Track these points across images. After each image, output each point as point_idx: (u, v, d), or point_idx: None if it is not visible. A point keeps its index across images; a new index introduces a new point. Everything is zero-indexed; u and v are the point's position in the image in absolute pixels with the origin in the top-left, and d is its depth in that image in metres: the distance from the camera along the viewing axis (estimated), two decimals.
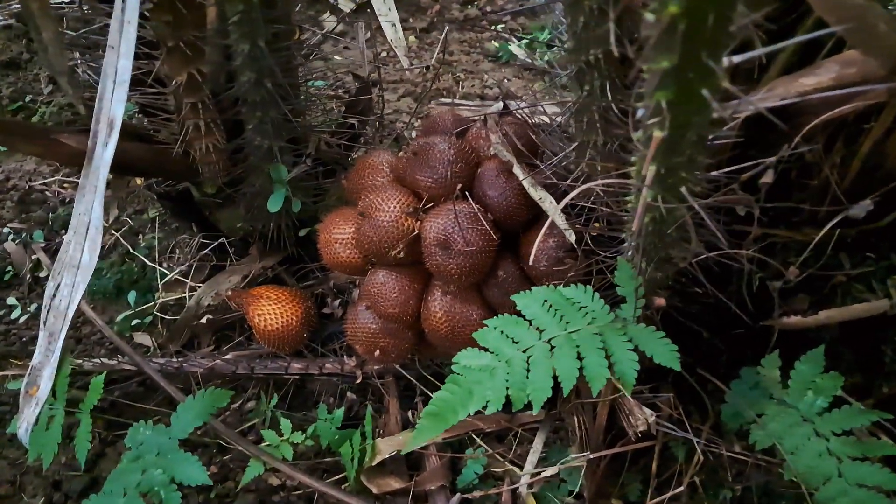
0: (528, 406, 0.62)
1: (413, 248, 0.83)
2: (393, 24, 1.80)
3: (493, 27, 1.85)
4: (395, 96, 1.59)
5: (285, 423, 0.94)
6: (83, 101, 0.95)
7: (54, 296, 0.91)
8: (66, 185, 1.39)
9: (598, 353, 0.61)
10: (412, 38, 1.83)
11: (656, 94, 0.44)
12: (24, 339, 1.18)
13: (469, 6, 1.90)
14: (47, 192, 1.37)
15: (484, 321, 0.80)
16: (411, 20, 1.88)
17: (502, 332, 0.66)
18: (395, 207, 0.84)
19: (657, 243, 0.67)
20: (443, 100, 1.58)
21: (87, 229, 0.88)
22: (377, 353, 0.88)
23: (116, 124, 0.83)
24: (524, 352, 0.64)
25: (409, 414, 0.96)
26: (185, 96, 0.94)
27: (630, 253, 0.68)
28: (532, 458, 0.84)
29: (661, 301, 0.67)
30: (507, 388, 0.63)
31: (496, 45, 1.77)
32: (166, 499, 0.74)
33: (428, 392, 0.96)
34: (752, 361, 0.79)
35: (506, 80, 1.69)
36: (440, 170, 0.84)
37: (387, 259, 0.83)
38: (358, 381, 1.00)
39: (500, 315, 0.69)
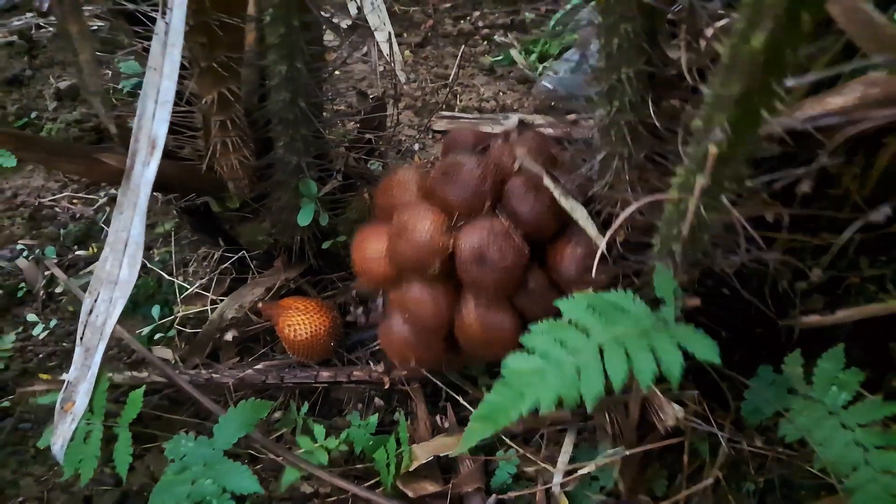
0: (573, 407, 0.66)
1: (447, 263, 0.87)
2: (389, 40, 1.85)
3: (485, 41, 1.90)
4: (396, 110, 1.63)
5: (318, 429, 0.96)
6: (114, 121, 0.98)
7: (91, 311, 0.93)
8: (75, 200, 1.40)
9: (645, 352, 0.66)
10: (407, 52, 1.87)
11: (719, 114, 0.48)
12: (40, 356, 1.19)
13: (462, 21, 1.95)
14: (57, 209, 1.38)
15: (518, 328, 0.86)
16: (405, 35, 1.92)
17: (549, 334, 0.70)
18: (430, 227, 0.87)
19: (692, 249, 0.71)
20: (443, 113, 1.63)
21: (126, 246, 0.90)
22: (413, 362, 0.92)
23: (159, 144, 0.85)
24: (573, 354, 0.68)
25: (438, 418, 0.99)
26: (215, 114, 0.96)
27: (665, 256, 0.72)
28: (563, 457, 0.88)
29: (694, 301, 0.71)
30: (558, 390, 0.67)
31: (490, 58, 1.82)
32: None
33: (455, 396, 1.00)
34: (768, 360, 0.85)
35: (501, 94, 1.74)
36: (470, 188, 0.88)
37: (422, 275, 0.87)
38: (385, 388, 1.03)
39: (539, 321, 0.73)
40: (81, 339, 0.94)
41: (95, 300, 0.93)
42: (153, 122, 0.85)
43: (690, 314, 0.82)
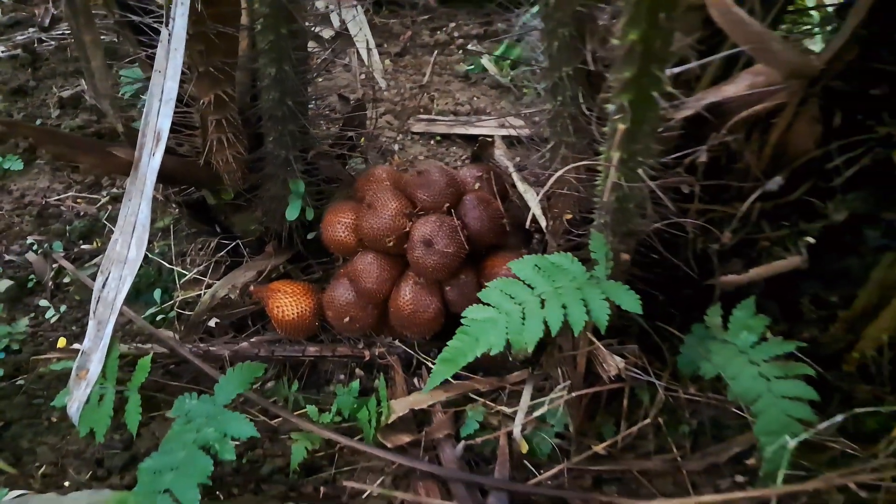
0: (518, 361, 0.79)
1: (400, 242, 1.05)
2: (370, 50, 1.99)
3: (460, 51, 2.04)
4: (377, 114, 1.76)
5: (311, 409, 1.07)
6: (121, 121, 1.10)
7: (103, 287, 1.04)
8: (79, 199, 1.51)
9: (578, 304, 0.78)
10: (387, 61, 2.00)
11: (621, 96, 0.61)
12: (51, 340, 1.29)
13: (438, 32, 2.09)
14: (62, 207, 1.49)
15: (439, 315, 1.05)
16: (385, 45, 2.05)
17: (501, 290, 0.82)
18: (395, 206, 1.04)
19: (621, 218, 0.84)
20: (421, 116, 1.76)
21: (134, 228, 1.01)
22: (346, 320, 1.09)
23: (163, 136, 0.97)
24: (519, 305, 0.80)
25: (415, 381, 1.12)
26: (212, 114, 1.08)
27: (600, 225, 0.85)
28: (522, 406, 1.00)
29: (626, 256, 0.84)
30: (507, 334, 0.79)
31: (465, 66, 1.95)
32: (220, 450, 0.88)
33: (429, 363, 1.12)
34: (700, 320, 0.97)
35: (475, 98, 1.87)
36: (435, 190, 1.07)
37: (378, 245, 1.04)
38: (366, 360, 1.15)
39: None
40: (94, 313, 1.05)
41: (107, 278, 1.05)
42: (158, 117, 0.97)
43: (632, 281, 0.95)
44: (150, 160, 0.99)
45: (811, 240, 0.85)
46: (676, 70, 0.61)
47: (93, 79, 1.04)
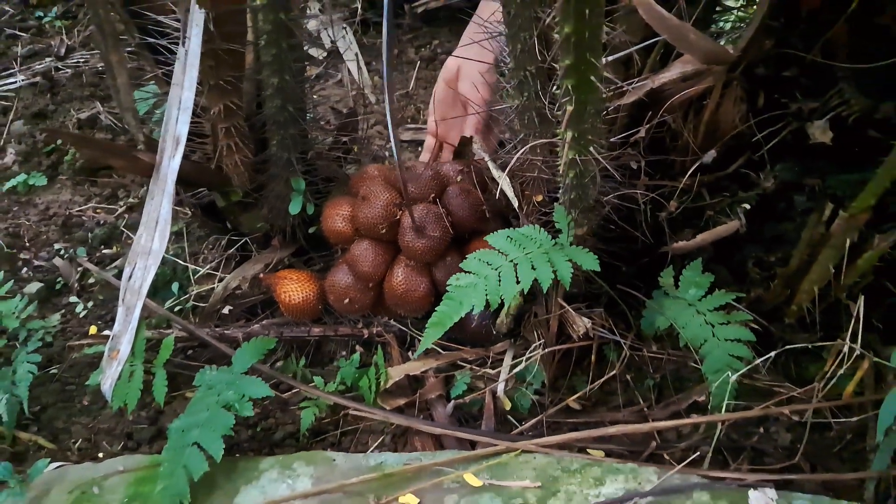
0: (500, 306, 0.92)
1: (392, 229, 1.18)
2: (360, 68, 2.14)
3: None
4: (368, 125, 1.89)
5: (318, 380, 1.20)
6: (142, 133, 1.23)
7: (130, 277, 1.18)
8: (98, 210, 1.64)
9: (545, 265, 0.91)
10: (376, 77, 2.14)
11: (565, 81, 0.75)
12: (78, 335, 1.42)
13: (423, 49, 2.24)
14: (84, 217, 1.62)
15: (429, 294, 1.19)
16: (374, 63, 2.19)
17: (479, 259, 0.95)
18: (387, 197, 1.18)
19: (580, 193, 0.97)
20: (409, 126, 1.90)
21: (157, 223, 1.15)
22: (346, 301, 1.22)
23: (181, 141, 1.11)
24: (496, 269, 0.93)
25: (409, 354, 1.24)
26: (221, 122, 1.22)
27: (563, 201, 0.98)
28: (504, 368, 1.13)
29: (582, 230, 0.97)
30: (486, 295, 0.92)
31: None
32: (240, 408, 1.00)
33: (421, 338, 1.25)
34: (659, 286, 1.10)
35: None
36: (422, 182, 1.20)
37: (373, 233, 1.17)
38: (365, 338, 1.28)
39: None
40: (122, 300, 1.18)
41: (133, 269, 1.18)
42: (177, 125, 1.11)
43: (598, 254, 1.08)
44: (171, 162, 1.13)
45: (747, 206, 0.98)
46: (611, 58, 0.74)
47: (118, 94, 1.18)
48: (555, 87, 0.88)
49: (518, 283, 0.91)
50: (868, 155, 0.87)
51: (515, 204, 1.07)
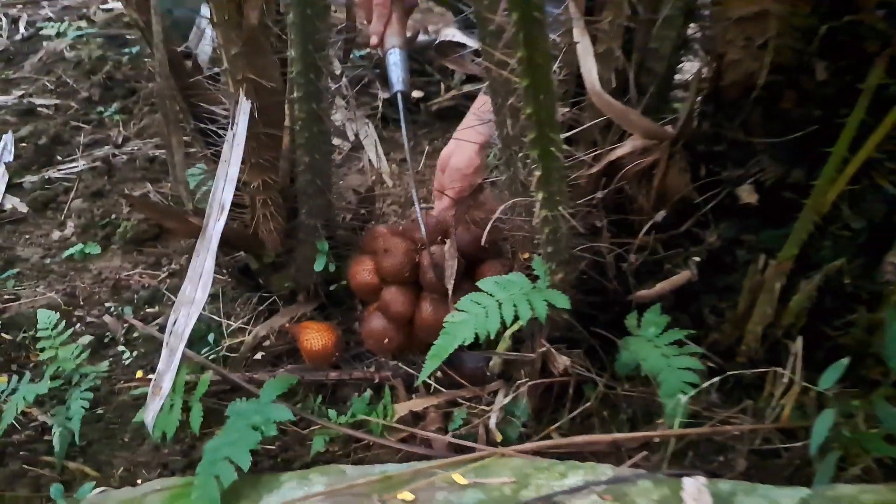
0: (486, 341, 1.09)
1: (414, 272, 1.35)
2: (379, 157, 2.40)
3: None
4: (385, 204, 2.13)
5: (332, 412, 1.37)
6: (191, 202, 1.46)
7: (174, 323, 1.37)
8: (144, 275, 1.86)
9: (525, 304, 1.10)
10: (393, 166, 2.40)
11: (531, 151, 0.96)
12: (122, 381, 1.60)
13: (435, 141, 2.50)
14: (131, 281, 1.84)
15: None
16: (392, 153, 2.45)
17: (471, 300, 1.14)
18: (405, 246, 1.38)
19: (556, 247, 1.16)
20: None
21: (201, 276, 1.35)
22: (385, 342, 1.39)
23: (226, 208, 1.32)
24: (484, 308, 1.12)
25: (413, 396, 1.40)
26: (259, 194, 1.45)
27: (542, 254, 1.17)
28: (497, 405, 1.28)
29: (558, 278, 1.16)
30: (476, 330, 1.10)
31: None
32: (265, 430, 1.17)
33: (428, 382, 1.41)
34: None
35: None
36: (430, 228, 1.40)
37: (399, 278, 1.35)
38: (375, 382, 1.44)
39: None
40: (167, 344, 1.37)
41: (177, 316, 1.37)
42: (223, 193, 1.33)
43: (576, 303, 1.26)
44: (216, 225, 1.34)
45: (697, 259, 1.16)
46: (568, 134, 0.96)
47: (174, 169, 1.41)
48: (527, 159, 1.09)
49: (501, 317, 1.09)
50: (788, 213, 1.06)
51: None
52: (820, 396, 1.10)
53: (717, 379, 1.07)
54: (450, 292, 1.31)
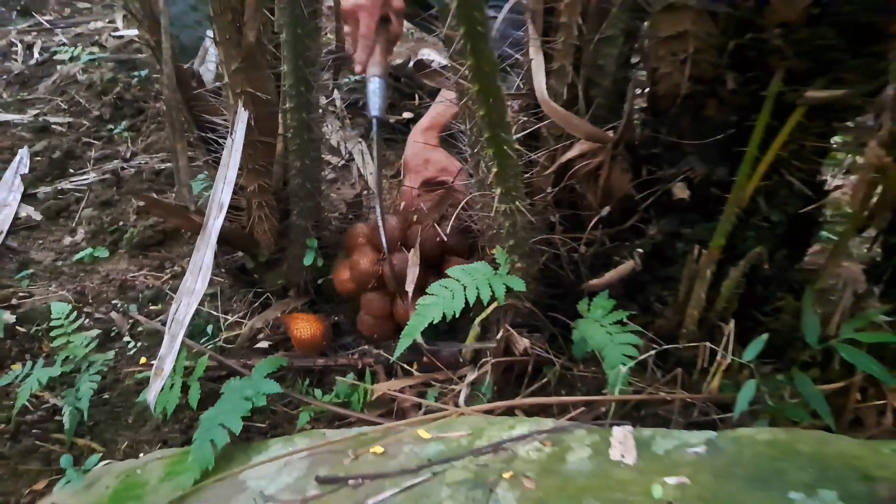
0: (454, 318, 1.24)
1: (381, 279, 1.50)
2: (371, 173, 2.55)
3: None
4: (370, 211, 2.27)
5: (318, 392, 1.51)
6: (194, 203, 1.61)
7: (176, 311, 1.51)
8: (148, 276, 2.01)
9: (486, 287, 1.24)
10: (384, 181, 2.55)
11: (486, 150, 1.11)
12: (127, 368, 1.74)
13: None
14: (136, 282, 1.98)
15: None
16: (384, 170, 2.61)
17: (440, 285, 1.29)
18: (368, 261, 1.52)
19: (517, 241, 1.31)
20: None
21: (201, 269, 1.50)
22: (376, 334, 1.52)
23: (224, 207, 1.47)
24: (451, 291, 1.26)
25: (391, 379, 1.54)
26: (255, 197, 1.60)
27: (505, 247, 1.32)
28: (465, 384, 1.42)
29: (521, 266, 1.31)
30: (443, 310, 1.24)
31: None
32: (256, 400, 1.31)
33: (406, 367, 1.55)
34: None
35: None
36: (392, 233, 1.55)
37: (366, 287, 1.50)
38: (359, 368, 1.58)
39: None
40: (169, 330, 1.51)
41: (178, 305, 1.52)
42: (222, 194, 1.49)
43: (538, 294, 1.41)
44: (215, 222, 1.49)
45: (641, 251, 1.31)
46: (519, 135, 1.12)
47: (178, 173, 1.57)
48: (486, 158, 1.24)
49: (465, 298, 1.24)
50: (716, 207, 1.21)
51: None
52: (752, 374, 1.24)
53: (653, 352, 1.21)
54: (409, 298, 1.46)
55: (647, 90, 1.23)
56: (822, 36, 0.91)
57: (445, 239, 1.50)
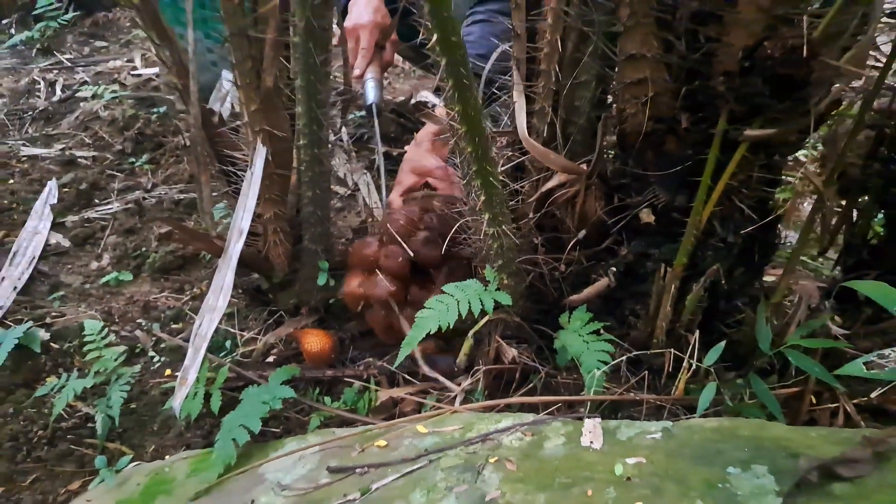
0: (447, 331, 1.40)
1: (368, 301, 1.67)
2: (371, 199, 2.73)
3: None
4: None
5: (327, 399, 1.66)
6: (215, 228, 1.79)
7: (199, 326, 1.67)
8: (169, 298, 2.17)
9: (477, 301, 1.41)
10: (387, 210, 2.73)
11: (474, 180, 1.28)
12: (150, 383, 1.90)
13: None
14: (158, 303, 2.15)
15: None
16: (385, 197, 2.78)
17: (436, 300, 1.45)
18: (354, 284, 1.68)
19: (505, 261, 1.48)
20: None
21: (222, 289, 1.66)
22: (387, 337, 1.68)
23: (244, 232, 1.64)
24: (445, 305, 1.43)
25: (394, 389, 1.70)
26: (271, 224, 1.78)
27: (494, 266, 1.49)
28: (460, 389, 1.58)
29: (509, 283, 1.47)
30: (439, 322, 1.40)
31: None
32: (272, 404, 1.47)
33: (407, 377, 1.71)
34: None
35: None
36: (394, 258, 1.71)
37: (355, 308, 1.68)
38: (364, 379, 1.74)
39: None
40: (192, 343, 1.67)
41: (201, 321, 1.68)
42: (242, 221, 1.66)
43: (525, 310, 1.57)
44: (235, 246, 1.66)
45: (614, 269, 1.48)
46: (501, 169, 1.29)
47: (202, 203, 1.74)
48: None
49: (458, 312, 1.40)
50: (678, 230, 1.38)
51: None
52: (714, 378, 1.40)
53: (624, 358, 1.37)
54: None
55: (616, 128, 1.41)
56: (752, 84, 1.09)
57: (411, 255, 1.65)
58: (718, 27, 1.18)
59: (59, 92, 3.72)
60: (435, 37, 0.97)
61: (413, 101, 2.87)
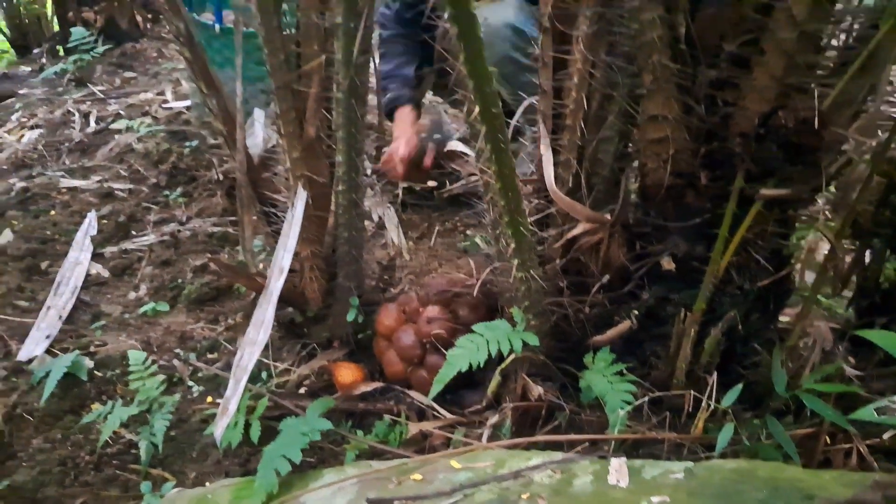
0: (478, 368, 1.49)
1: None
2: (399, 236, 2.84)
3: (462, 234, 2.88)
4: (404, 274, 2.54)
5: (360, 433, 1.75)
6: (256, 266, 1.89)
7: (240, 358, 1.76)
8: (205, 328, 2.27)
9: (505, 341, 1.49)
10: (410, 243, 2.83)
11: (506, 229, 1.37)
12: (189, 411, 1.99)
13: (447, 222, 2.94)
14: (194, 333, 2.25)
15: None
16: (410, 232, 2.89)
17: (467, 339, 1.54)
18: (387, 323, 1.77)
19: (532, 302, 1.57)
20: (433, 275, 2.54)
21: (263, 323, 1.76)
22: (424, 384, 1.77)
23: (285, 270, 1.74)
24: (475, 344, 1.51)
25: (423, 423, 1.78)
26: (308, 262, 1.87)
27: (521, 307, 1.57)
28: (488, 425, 1.66)
29: (535, 324, 1.56)
30: (469, 360, 1.49)
31: (464, 244, 2.77)
32: (311, 435, 1.55)
33: (437, 411, 1.79)
34: None
35: (469, 262, 2.66)
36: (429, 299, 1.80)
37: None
38: (395, 412, 1.82)
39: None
40: (234, 374, 1.76)
41: (242, 354, 1.77)
42: (282, 260, 1.76)
43: (550, 349, 1.66)
44: (276, 283, 1.76)
45: (636, 312, 1.56)
46: (538, 216, 1.39)
47: (244, 241, 1.85)
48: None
49: (489, 351, 1.49)
50: (697, 277, 1.46)
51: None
52: (732, 419, 1.48)
53: (647, 398, 1.45)
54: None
55: (638, 180, 1.50)
56: (767, 149, 1.18)
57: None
58: (735, 93, 1.27)
59: (92, 123, 3.87)
60: (477, 109, 1.07)
61: (446, 147, 2.97)
